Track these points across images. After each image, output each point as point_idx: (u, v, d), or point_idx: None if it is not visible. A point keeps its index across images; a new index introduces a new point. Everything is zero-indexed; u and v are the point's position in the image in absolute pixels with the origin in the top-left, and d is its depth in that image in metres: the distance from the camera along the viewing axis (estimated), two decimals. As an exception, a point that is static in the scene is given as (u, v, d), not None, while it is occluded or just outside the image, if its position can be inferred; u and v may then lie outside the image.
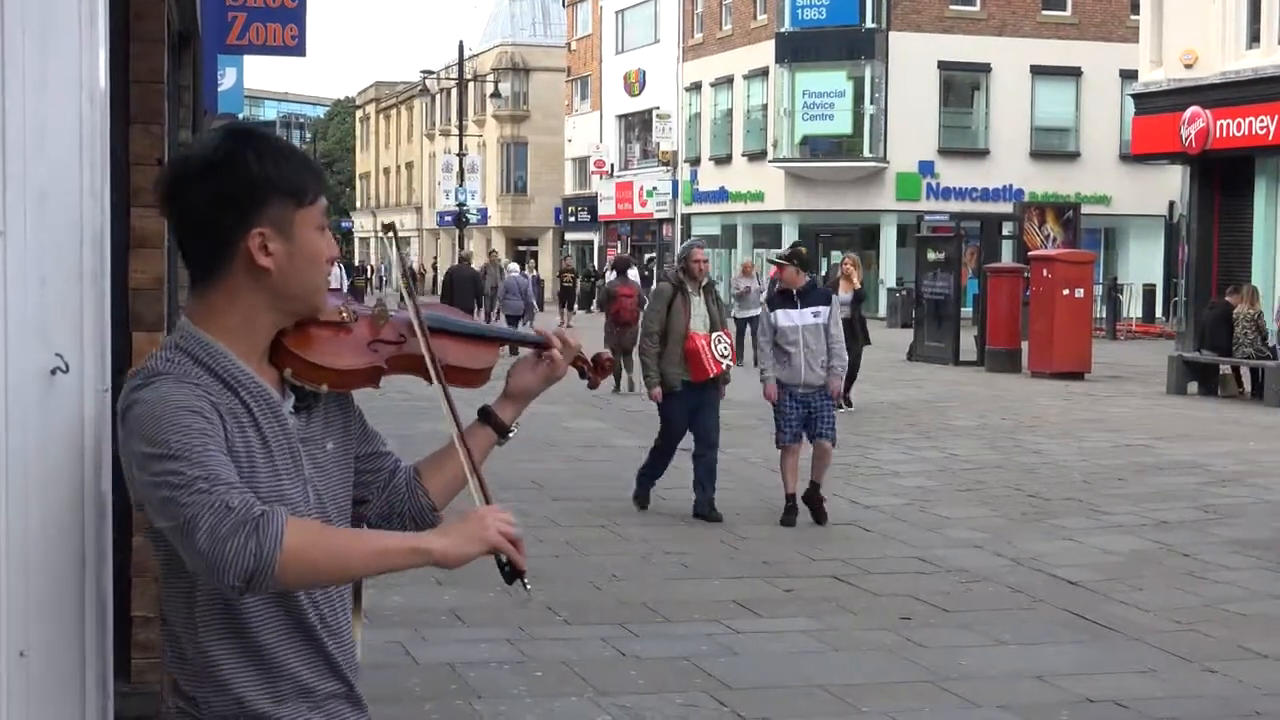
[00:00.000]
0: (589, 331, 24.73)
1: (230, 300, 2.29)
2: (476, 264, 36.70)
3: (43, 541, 2.53)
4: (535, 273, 45.35)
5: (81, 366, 2.71)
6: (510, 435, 2.64)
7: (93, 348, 2.73)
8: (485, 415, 2.63)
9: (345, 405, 2.48)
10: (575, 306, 38.82)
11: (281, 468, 2.30)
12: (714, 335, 10.70)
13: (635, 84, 55.09)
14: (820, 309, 10.65)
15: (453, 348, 2.53)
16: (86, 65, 2.71)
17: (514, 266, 36.34)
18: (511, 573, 2.31)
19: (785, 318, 10.63)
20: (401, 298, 2.55)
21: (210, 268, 2.29)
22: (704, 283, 10.94)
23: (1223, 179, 28.16)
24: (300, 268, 2.30)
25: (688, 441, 10.92)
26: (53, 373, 2.60)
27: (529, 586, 2.33)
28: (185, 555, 2.16)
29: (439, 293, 34.90)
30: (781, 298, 10.83)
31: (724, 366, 10.70)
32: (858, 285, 18.76)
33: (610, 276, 23.70)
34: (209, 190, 2.24)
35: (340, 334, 2.39)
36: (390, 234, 2.66)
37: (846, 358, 11.14)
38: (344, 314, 2.41)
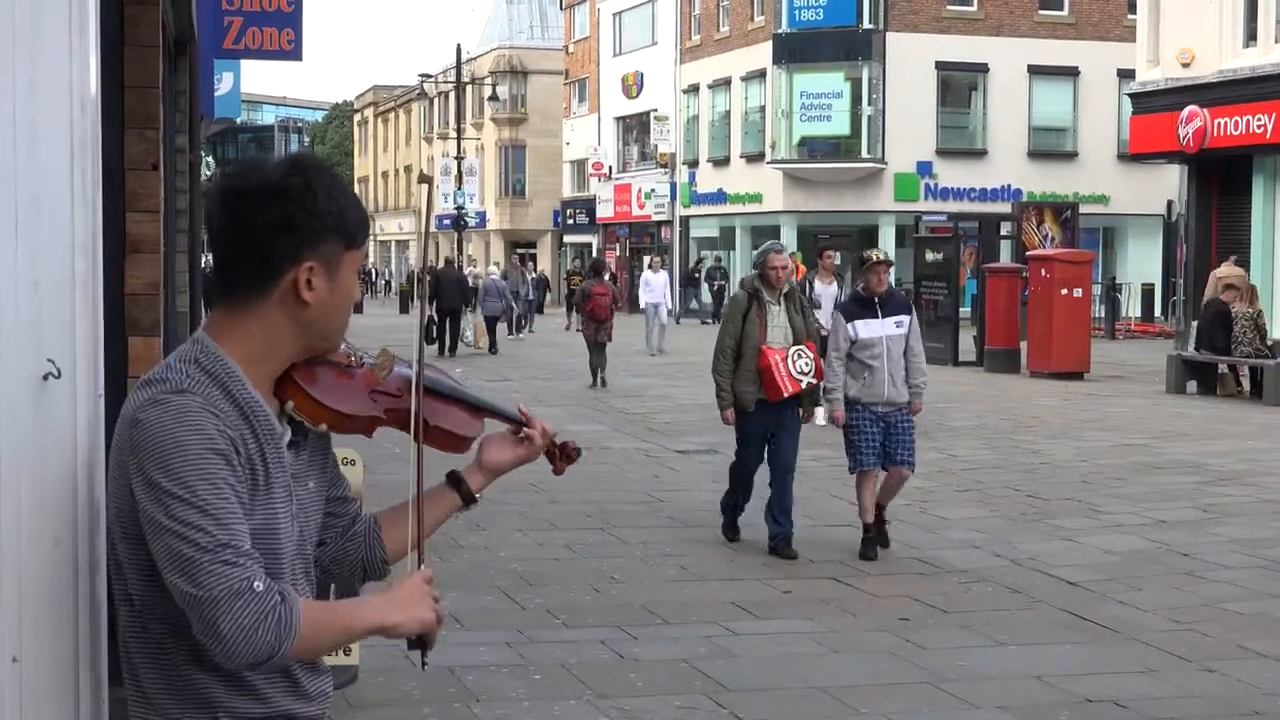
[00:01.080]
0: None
1: (261, 327, 2.29)
2: (494, 270, 36.98)
3: (35, 548, 2.52)
4: (536, 274, 45.35)
5: (74, 372, 2.70)
6: (475, 503, 2.66)
7: (85, 353, 2.72)
8: (456, 481, 2.64)
9: (326, 447, 2.49)
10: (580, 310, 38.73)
11: (278, 500, 2.29)
12: (793, 349, 9.53)
13: (633, 86, 55.08)
14: (902, 318, 9.71)
15: (446, 412, 2.55)
16: (77, 71, 2.71)
17: (493, 269, 36.60)
18: (415, 644, 2.38)
19: (866, 328, 9.59)
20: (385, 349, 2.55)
21: (249, 288, 2.28)
22: (784, 290, 9.75)
23: (1220, 178, 28.18)
24: (337, 307, 2.32)
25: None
26: (45, 378, 2.60)
27: (427, 663, 2.42)
28: (196, 626, 2.14)
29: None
30: (859, 306, 9.74)
31: (803, 385, 9.50)
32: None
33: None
34: (272, 214, 2.23)
35: (343, 378, 2.41)
36: (425, 184, 2.61)
37: (928, 373, 10.17)
38: (351, 359, 2.44)
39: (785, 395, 9.49)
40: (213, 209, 2.30)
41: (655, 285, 30.44)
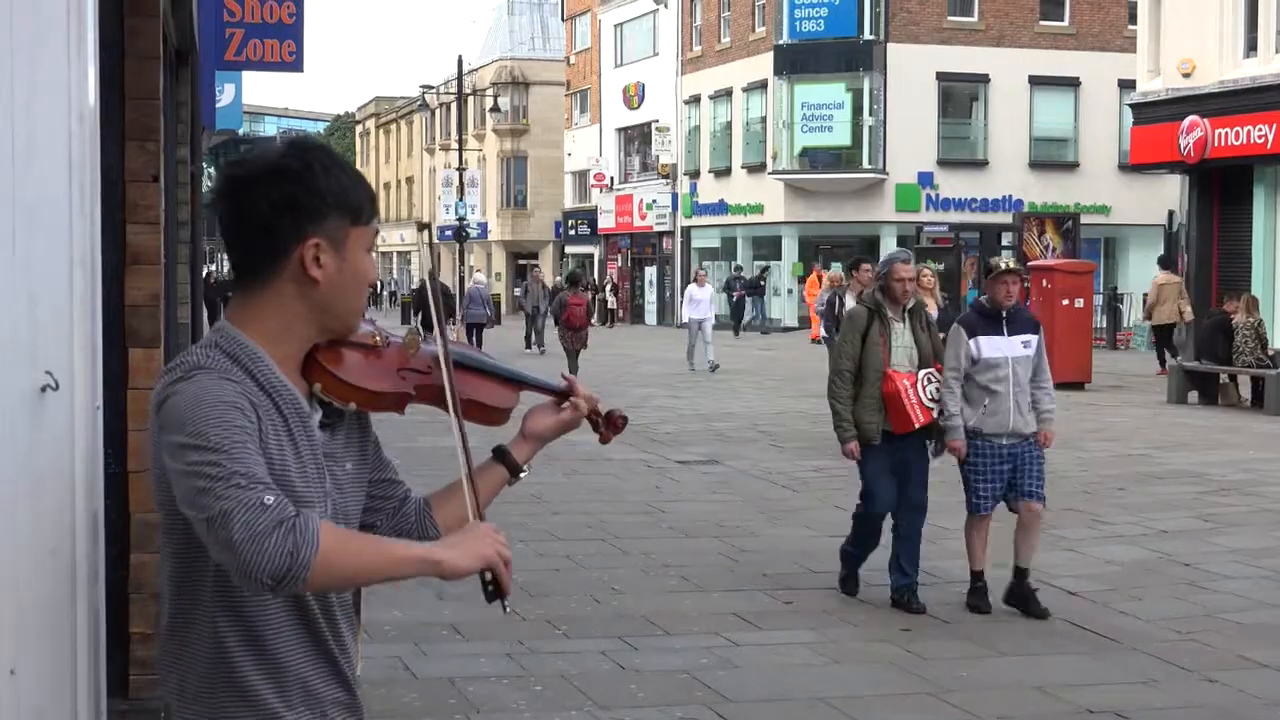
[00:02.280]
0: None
1: (274, 305, 2.34)
2: (480, 278, 36.90)
3: (32, 560, 2.52)
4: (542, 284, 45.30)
5: (72, 384, 2.70)
6: (522, 475, 2.70)
7: (83, 366, 2.72)
8: (500, 454, 2.69)
9: (365, 429, 2.53)
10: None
11: (308, 476, 2.33)
12: (922, 374, 8.42)
13: (634, 97, 55.12)
14: (1030, 337, 8.52)
15: (477, 385, 2.60)
16: (75, 82, 2.71)
17: (479, 277, 36.57)
18: (494, 592, 2.38)
19: (990, 346, 8.40)
20: (424, 325, 2.58)
21: (260, 270, 2.34)
22: (909, 305, 8.58)
23: (1221, 188, 28.17)
24: (346, 284, 2.36)
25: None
26: (43, 390, 2.60)
27: (508, 609, 2.41)
28: (215, 549, 2.17)
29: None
30: (983, 320, 8.51)
31: (935, 414, 8.42)
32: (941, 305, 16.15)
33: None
34: (274, 194, 2.29)
35: (371, 357, 2.45)
36: (425, 233, 2.66)
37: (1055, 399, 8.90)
38: (377, 339, 2.47)
39: (916, 426, 8.39)
40: (218, 196, 2.35)
41: (700, 299, 28.52)
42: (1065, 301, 23.39)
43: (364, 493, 2.53)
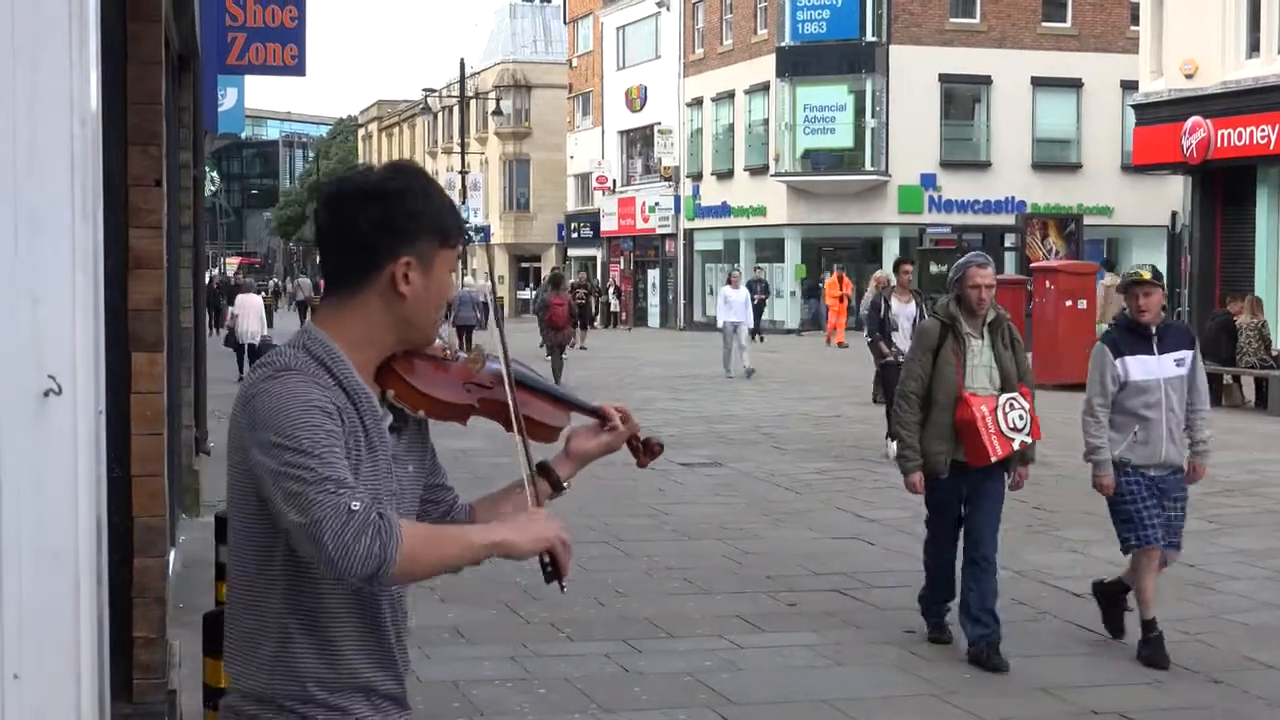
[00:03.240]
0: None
1: (360, 314, 2.51)
2: (469, 281, 36.86)
3: (35, 564, 2.52)
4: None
5: (75, 388, 2.70)
6: (564, 490, 2.86)
7: (86, 370, 2.72)
8: (544, 470, 2.82)
9: (425, 435, 2.71)
10: (590, 324, 37.57)
11: (380, 474, 2.49)
12: (1004, 398, 7.36)
13: (637, 100, 55.14)
14: (1183, 354, 7.46)
15: (533, 403, 2.75)
16: (78, 87, 2.71)
17: (468, 280, 36.50)
18: (553, 573, 2.54)
19: (1140, 367, 7.37)
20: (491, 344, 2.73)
21: (351, 282, 2.51)
22: (988, 318, 7.53)
23: (1224, 189, 28.14)
24: (430, 300, 2.54)
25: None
26: (45, 394, 2.60)
27: (565, 588, 2.58)
28: (307, 551, 2.32)
29: None
30: (1131, 337, 7.44)
31: (1015, 445, 7.36)
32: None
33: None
34: (374, 213, 2.47)
35: (440, 370, 2.63)
36: (468, 239, 2.79)
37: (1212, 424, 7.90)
38: (446, 353, 2.65)
39: (993, 460, 7.35)
40: (321, 211, 2.53)
41: (735, 302, 27.14)
42: (1069, 303, 23.39)
43: (419, 497, 2.69)
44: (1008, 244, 32.42)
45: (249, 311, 23.64)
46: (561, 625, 7.98)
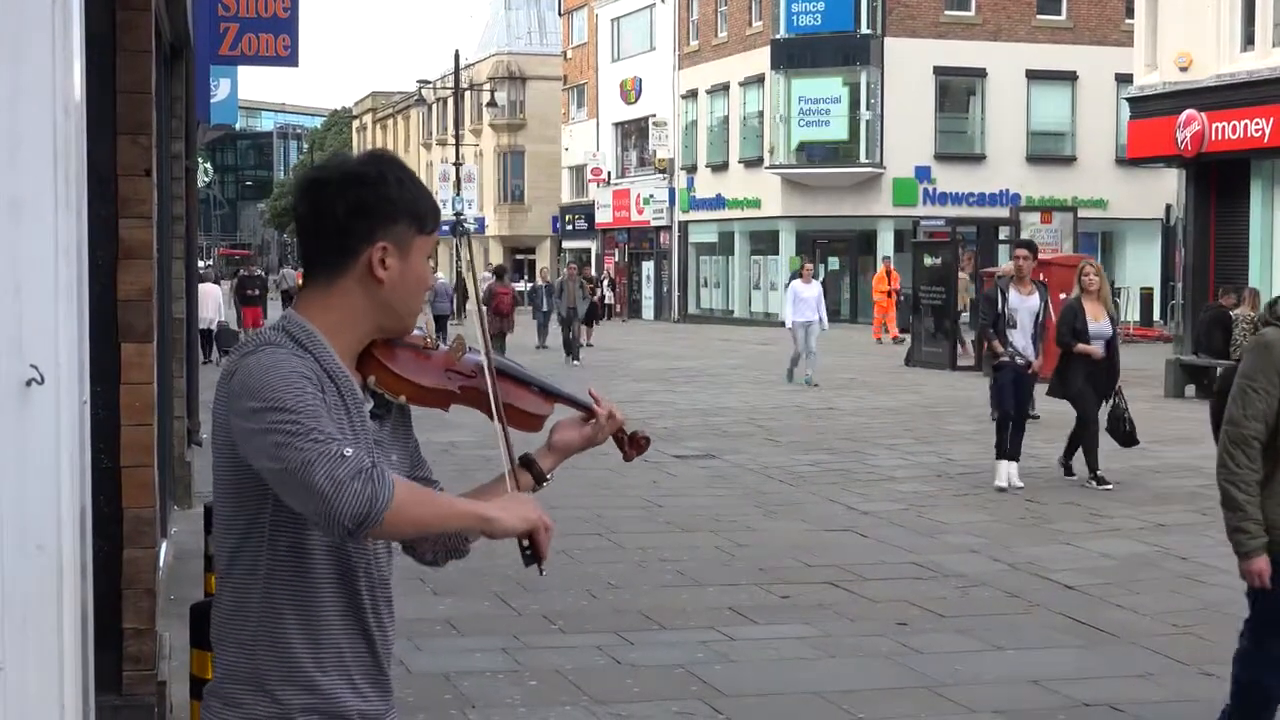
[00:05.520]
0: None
1: (339, 299, 2.52)
2: (440, 275, 37.15)
3: (18, 555, 2.51)
4: (548, 281, 45.17)
5: (58, 378, 2.69)
6: (546, 483, 2.86)
7: (69, 360, 2.70)
8: (527, 462, 2.83)
9: (408, 426, 2.71)
10: (597, 321, 35.70)
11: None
12: None
13: (631, 92, 55.08)
14: None
15: (516, 392, 2.77)
16: (60, 75, 2.69)
17: (440, 275, 36.77)
18: (532, 556, 2.54)
19: None
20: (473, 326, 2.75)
21: (329, 266, 2.53)
22: None
23: (1218, 182, 28.15)
24: (408, 286, 2.56)
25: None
26: (28, 384, 2.58)
27: (544, 572, 2.58)
28: (296, 497, 2.32)
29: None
30: None
31: None
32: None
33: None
34: (350, 198, 2.49)
35: (421, 358, 2.64)
36: (463, 231, 2.81)
37: None
38: (427, 342, 2.67)
39: None
40: (298, 198, 2.55)
41: (808, 299, 22.97)
42: (1063, 295, 23.31)
43: None
44: (1002, 236, 32.36)
45: (206, 299, 24.59)
46: (553, 617, 7.97)
